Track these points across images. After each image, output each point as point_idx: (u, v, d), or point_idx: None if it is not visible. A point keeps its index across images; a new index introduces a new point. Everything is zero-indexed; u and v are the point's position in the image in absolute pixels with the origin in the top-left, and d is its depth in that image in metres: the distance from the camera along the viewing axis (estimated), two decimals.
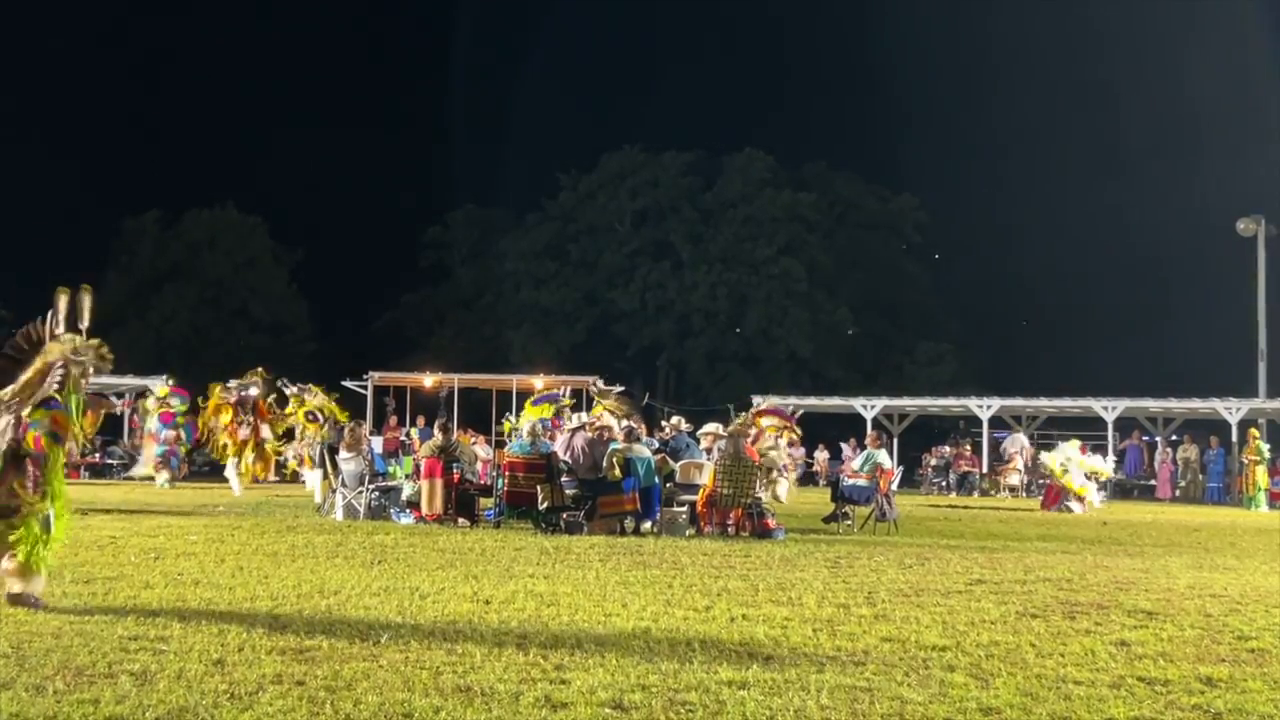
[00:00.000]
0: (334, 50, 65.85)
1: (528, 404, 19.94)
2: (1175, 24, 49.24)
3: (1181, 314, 46.44)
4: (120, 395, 32.89)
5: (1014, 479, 30.67)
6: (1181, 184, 48.19)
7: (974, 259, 50.94)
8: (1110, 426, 32.71)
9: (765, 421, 17.89)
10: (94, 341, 8.20)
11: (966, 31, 52.83)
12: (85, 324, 8.19)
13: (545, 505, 14.87)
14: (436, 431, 16.99)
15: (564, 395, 21.22)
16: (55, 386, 7.91)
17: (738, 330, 50.06)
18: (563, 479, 15.18)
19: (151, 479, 25.27)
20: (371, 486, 16.77)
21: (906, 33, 55.89)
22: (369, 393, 31.87)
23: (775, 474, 17.06)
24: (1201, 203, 45.68)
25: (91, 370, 8.20)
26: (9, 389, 7.99)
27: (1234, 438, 30.64)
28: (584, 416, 17.89)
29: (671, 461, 16.33)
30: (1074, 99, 54.38)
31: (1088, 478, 23.49)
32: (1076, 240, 52.18)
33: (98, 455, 30.05)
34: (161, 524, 14.54)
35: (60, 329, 8.14)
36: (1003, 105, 53.24)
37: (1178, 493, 31.67)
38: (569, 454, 15.49)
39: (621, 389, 30.97)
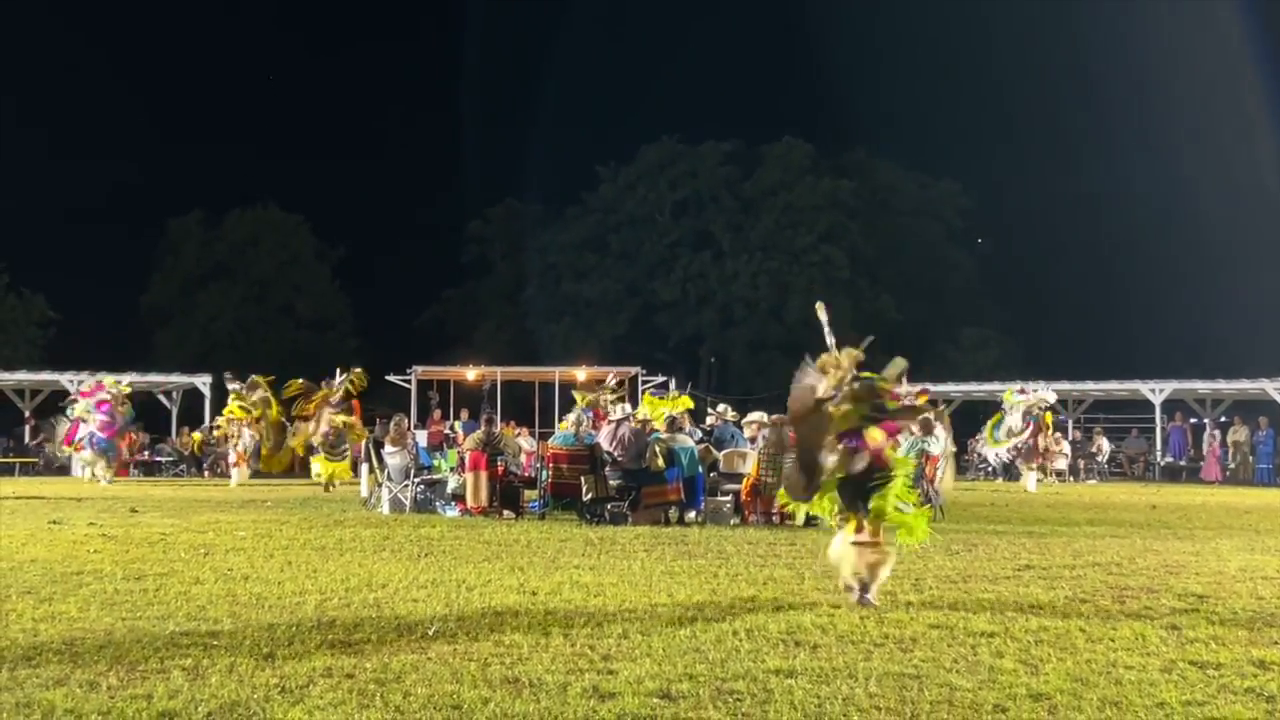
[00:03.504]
0: (373, 48, 66.33)
1: (646, 396, 20.65)
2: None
3: (1230, 294, 45.76)
4: (168, 394, 33.28)
5: (1061, 463, 30.34)
6: (1229, 163, 47.49)
7: (1017, 243, 50.47)
8: (1158, 409, 32.35)
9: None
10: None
11: (1005, 13, 52.19)
12: (832, 340, 8.57)
13: (590, 496, 14.90)
14: (482, 424, 17.06)
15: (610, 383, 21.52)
16: (837, 393, 8.21)
17: (780, 319, 49.85)
18: (606, 470, 15.20)
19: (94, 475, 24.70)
20: (417, 480, 16.89)
21: (943, 16, 55.43)
22: (413, 387, 31.99)
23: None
24: (1250, 182, 44.95)
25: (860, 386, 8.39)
26: (834, 401, 8.23)
27: None
28: (628, 408, 17.93)
29: (715, 451, 16.32)
30: (1116, 78, 53.58)
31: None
32: (1120, 222, 51.56)
33: (147, 453, 30.26)
34: (211, 520, 14.69)
35: (832, 339, 8.49)
36: (1042, 88, 52.69)
37: (1226, 475, 31.28)
38: (615, 444, 15.49)
39: (663, 380, 30.99)
